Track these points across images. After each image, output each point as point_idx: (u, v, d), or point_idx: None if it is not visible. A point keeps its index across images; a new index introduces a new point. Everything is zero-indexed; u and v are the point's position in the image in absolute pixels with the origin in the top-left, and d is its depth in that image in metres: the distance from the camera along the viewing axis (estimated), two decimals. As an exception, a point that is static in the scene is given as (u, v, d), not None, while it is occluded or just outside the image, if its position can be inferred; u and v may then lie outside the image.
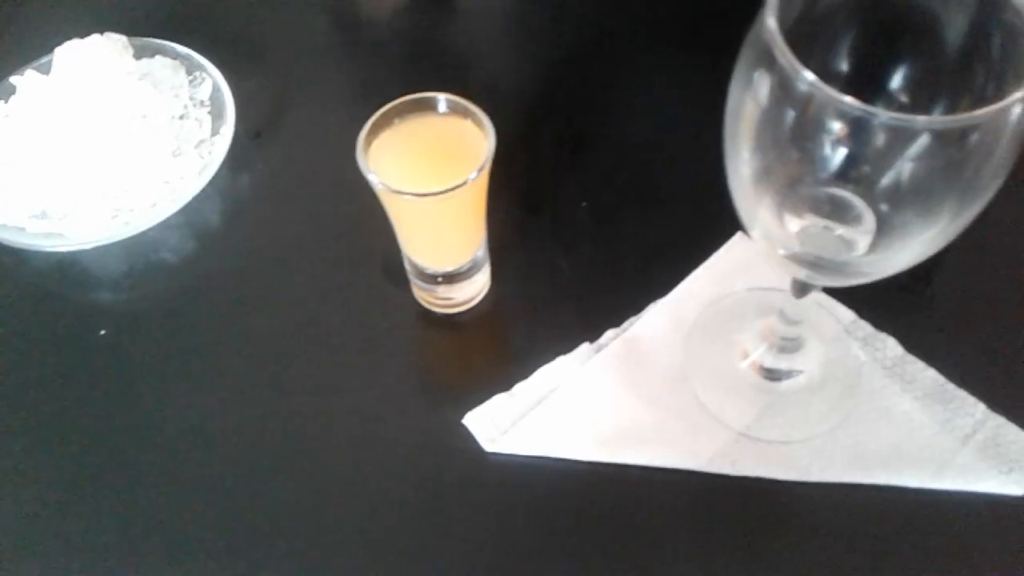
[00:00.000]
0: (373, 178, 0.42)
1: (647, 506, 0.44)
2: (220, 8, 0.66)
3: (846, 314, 0.49)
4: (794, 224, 0.38)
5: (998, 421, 0.45)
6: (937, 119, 0.28)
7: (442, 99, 0.44)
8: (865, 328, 0.48)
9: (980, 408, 0.45)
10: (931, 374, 0.46)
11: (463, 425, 0.46)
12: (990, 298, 0.50)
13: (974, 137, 0.29)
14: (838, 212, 0.38)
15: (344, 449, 0.46)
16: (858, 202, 0.36)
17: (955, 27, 0.33)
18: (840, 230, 0.39)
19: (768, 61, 0.30)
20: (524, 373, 0.47)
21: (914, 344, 0.47)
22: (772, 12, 0.30)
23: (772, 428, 0.45)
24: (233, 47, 0.62)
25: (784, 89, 0.30)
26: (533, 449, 0.45)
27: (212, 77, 0.58)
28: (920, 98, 0.35)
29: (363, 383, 0.48)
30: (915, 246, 0.35)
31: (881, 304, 0.49)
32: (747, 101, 0.32)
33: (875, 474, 0.43)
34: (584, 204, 0.54)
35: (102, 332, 0.50)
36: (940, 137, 0.29)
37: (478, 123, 0.44)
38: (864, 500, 0.43)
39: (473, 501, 0.44)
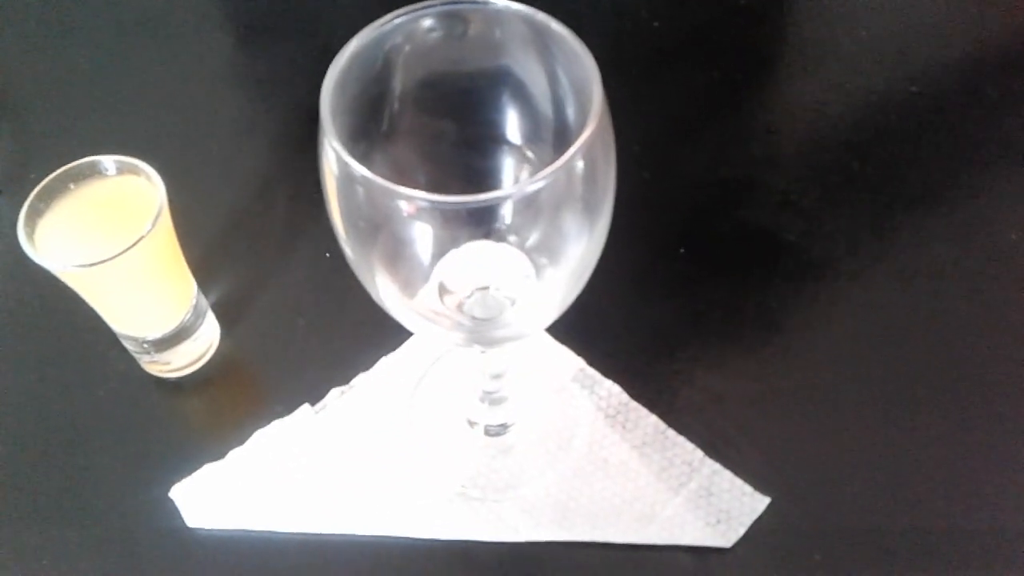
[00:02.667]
0: (40, 260, 0.40)
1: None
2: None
3: (575, 362, 0.48)
4: (450, 299, 0.37)
5: (713, 468, 0.44)
6: (483, 198, 0.27)
7: (109, 161, 0.42)
8: (593, 376, 0.47)
9: (698, 455, 0.44)
10: (652, 420, 0.45)
11: (170, 499, 0.44)
12: (718, 342, 0.49)
13: (550, 187, 0.28)
14: (490, 267, 0.37)
15: (44, 528, 0.44)
16: (497, 249, 0.35)
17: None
18: (497, 289, 0.38)
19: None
20: (242, 439, 0.46)
21: (642, 391, 0.46)
22: (327, 95, 0.29)
23: (486, 486, 0.44)
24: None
25: (347, 175, 0.28)
26: (242, 523, 0.43)
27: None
28: (536, 139, 0.35)
29: (73, 455, 0.46)
30: (573, 269, 0.34)
31: (614, 350, 0.48)
32: (325, 170, 0.30)
33: (582, 531, 0.42)
34: (328, 255, 0.53)
35: None
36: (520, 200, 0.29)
37: (149, 178, 0.42)
38: (572, 558, 0.42)
39: (174, 582, 0.43)
